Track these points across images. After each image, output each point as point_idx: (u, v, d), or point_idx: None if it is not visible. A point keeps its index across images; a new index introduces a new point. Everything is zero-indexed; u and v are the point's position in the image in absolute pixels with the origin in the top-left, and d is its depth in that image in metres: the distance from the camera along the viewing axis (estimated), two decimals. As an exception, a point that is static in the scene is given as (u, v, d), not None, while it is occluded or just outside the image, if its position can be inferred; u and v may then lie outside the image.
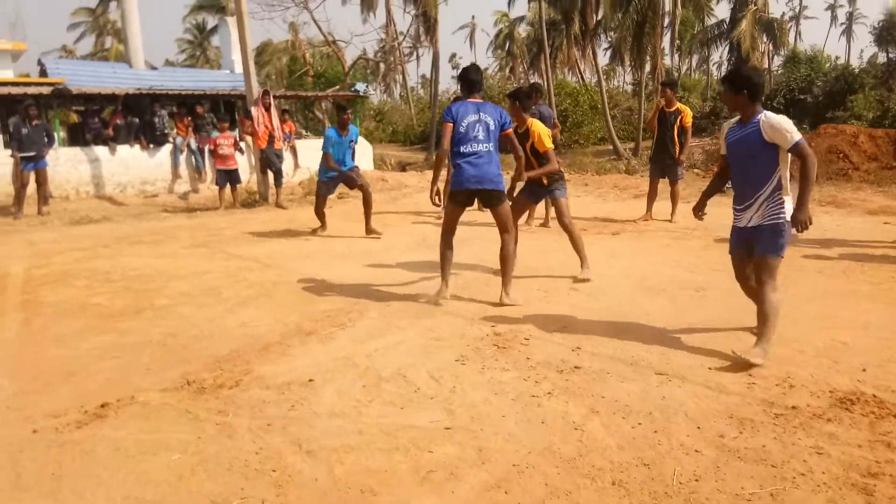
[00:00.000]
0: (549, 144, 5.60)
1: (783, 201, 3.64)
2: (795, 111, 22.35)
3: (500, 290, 5.02)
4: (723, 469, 2.60)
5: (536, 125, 5.57)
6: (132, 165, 13.48)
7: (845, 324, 4.33)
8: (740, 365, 3.56)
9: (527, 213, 7.85)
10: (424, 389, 3.43)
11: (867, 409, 3.07)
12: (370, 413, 3.18)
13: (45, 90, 13.58)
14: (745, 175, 3.75)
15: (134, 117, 13.89)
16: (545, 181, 5.74)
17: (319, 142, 17.37)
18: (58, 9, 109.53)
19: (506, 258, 5.01)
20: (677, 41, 34.53)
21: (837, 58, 37.84)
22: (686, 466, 2.62)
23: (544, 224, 8.61)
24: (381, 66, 34.06)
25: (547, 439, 2.86)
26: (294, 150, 14.98)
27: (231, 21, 16.47)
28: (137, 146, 13.54)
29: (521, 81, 37.13)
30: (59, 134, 14.45)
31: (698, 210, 4.18)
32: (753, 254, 3.76)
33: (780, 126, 3.55)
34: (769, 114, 3.63)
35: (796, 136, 3.53)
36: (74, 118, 19.57)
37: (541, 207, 8.48)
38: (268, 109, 11.73)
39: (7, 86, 13.69)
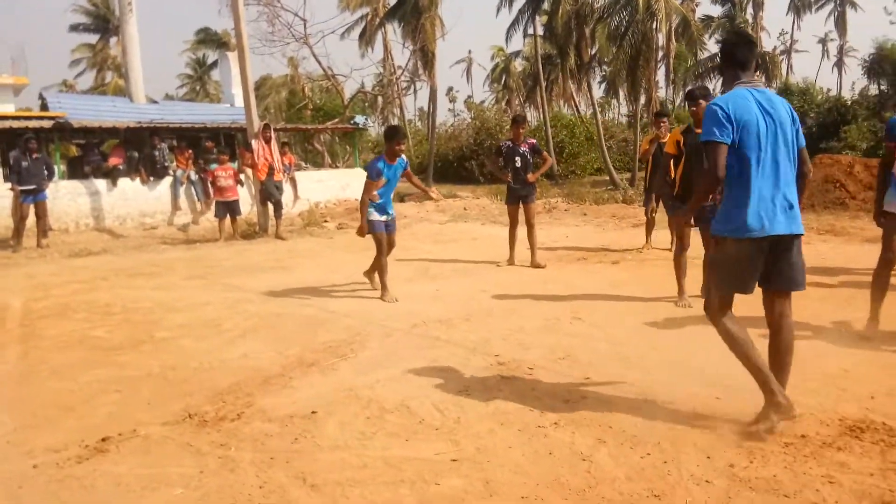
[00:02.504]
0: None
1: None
2: (789, 142, 22.51)
3: None
4: (734, 499, 2.55)
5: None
6: (131, 198, 13.54)
7: (852, 351, 4.30)
8: None
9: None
10: (429, 421, 3.39)
11: (877, 436, 3.03)
12: (374, 445, 3.13)
13: (46, 124, 13.70)
14: None
15: (134, 151, 13.98)
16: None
17: (318, 173, 17.66)
18: (59, 45, 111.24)
19: None
20: (671, 74, 35.04)
21: (829, 90, 38.21)
22: (697, 497, 2.58)
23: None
24: (380, 99, 34.36)
25: (555, 471, 2.82)
26: (294, 182, 15.05)
27: (231, 56, 16.70)
28: (137, 179, 13.61)
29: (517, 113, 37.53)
30: (60, 167, 14.52)
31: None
32: None
33: None
34: None
35: None
36: (74, 151, 19.66)
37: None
38: (268, 142, 11.83)
39: (8, 119, 13.83)
